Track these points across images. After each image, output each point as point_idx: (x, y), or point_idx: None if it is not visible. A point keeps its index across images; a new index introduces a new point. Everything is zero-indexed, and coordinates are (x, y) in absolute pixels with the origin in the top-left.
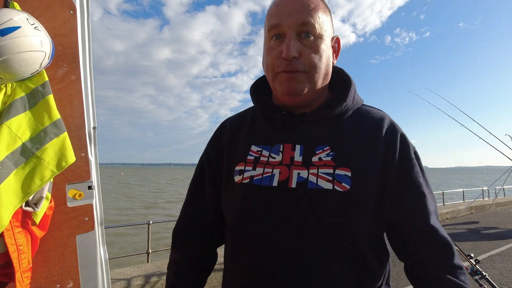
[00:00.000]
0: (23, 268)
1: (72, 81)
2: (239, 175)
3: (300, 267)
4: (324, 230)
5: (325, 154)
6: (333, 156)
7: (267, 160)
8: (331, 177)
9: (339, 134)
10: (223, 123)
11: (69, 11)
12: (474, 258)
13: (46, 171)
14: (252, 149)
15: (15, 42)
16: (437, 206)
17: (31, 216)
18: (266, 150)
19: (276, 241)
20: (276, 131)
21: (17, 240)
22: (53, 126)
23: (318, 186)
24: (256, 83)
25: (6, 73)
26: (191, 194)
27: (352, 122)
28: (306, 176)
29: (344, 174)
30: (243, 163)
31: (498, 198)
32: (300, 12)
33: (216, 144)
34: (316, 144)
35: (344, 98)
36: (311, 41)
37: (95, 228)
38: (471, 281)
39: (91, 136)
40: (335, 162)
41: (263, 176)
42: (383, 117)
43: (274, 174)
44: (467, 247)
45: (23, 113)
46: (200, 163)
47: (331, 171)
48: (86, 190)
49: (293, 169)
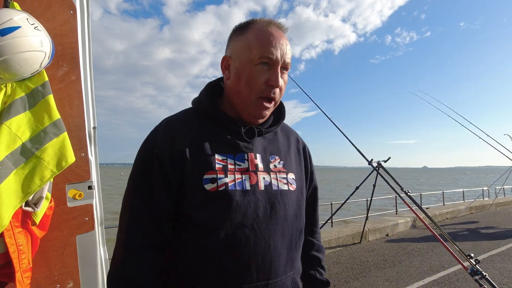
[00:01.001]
0: (23, 268)
1: (72, 81)
2: (212, 183)
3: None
4: (287, 219)
5: (277, 162)
6: (283, 164)
7: (235, 167)
8: (286, 180)
9: (280, 147)
10: (169, 126)
11: (69, 11)
12: (474, 258)
13: (46, 171)
14: (217, 158)
15: (15, 42)
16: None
17: (31, 216)
18: (230, 158)
19: (259, 237)
20: (237, 141)
21: (17, 240)
22: (53, 126)
23: (279, 187)
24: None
25: (6, 73)
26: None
27: (282, 138)
28: (270, 180)
29: (292, 177)
30: (213, 171)
31: (498, 198)
32: (286, 54)
33: (170, 150)
34: (269, 154)
35: (283, 117)
36: (285, 76)
37: (95, 228)
38: (471, 281)
39: (91, 136)
40: (286, 168)
41: (236, 182)
42: (296, 133)
43: (245, 179)
44: (467, 247)
45: (23, 113)
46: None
47: (285, 175)
48: (86, 190)
49: (259, 174)
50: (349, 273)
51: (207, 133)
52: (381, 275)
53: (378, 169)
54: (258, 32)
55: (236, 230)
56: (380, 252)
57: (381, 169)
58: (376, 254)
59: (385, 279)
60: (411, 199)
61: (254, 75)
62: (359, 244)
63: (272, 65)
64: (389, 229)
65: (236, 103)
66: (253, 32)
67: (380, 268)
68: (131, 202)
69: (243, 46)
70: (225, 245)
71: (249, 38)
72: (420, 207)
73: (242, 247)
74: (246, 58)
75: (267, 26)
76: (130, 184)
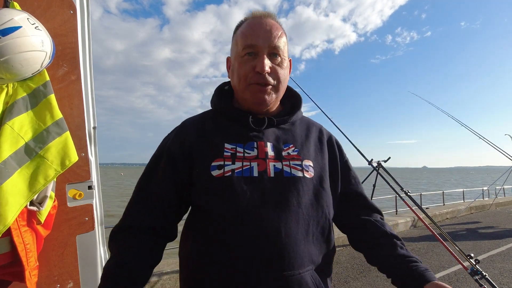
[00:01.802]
0: (31, 266)
1: (72, 81)
2: (218, 170)
3: (277, 234)
4: (301, 206)
5: (291, 150)
6: (298, 151)
7: (243, 155)
8: (300, 167)
9: (296, 136)
10: (184, 124)
11: (69, 11)
12: (474, 258)
13: (50, 170)
14: (226, 147)
15: (16, 42)
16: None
17: (36, 215)
18: (239, 147)
19: (266, 222)
20: (246, 131)
21: (24, 239)
22: (55, 125)
23: (291, 174)
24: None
25: (7, 73)
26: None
27: (300, 128)
28: (281, 167)
29: (309, 164)
30: (220, 159)
31: (498, 198)
32: (271, 38)
33: (181, 144)
34: (282, 143)
35: (298, 110)
36: (278, 60)
37: (95, 228)
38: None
39: (91, 136)
40: (301, 155)
41: (243, 169)
42: (320, 125)
43: (253, 166)
44: (467, 247)
45: (25, 112)
46: (155, 163)
47: (300, 162)
48: (86, 190)
49: (269, 162)
50: (349, 273)
51: (219, 127)
52: (381, 275)
53: (378, 169)
54: (243, 26)
55: (243, 216)
56: None
57: (381, 169)
58: None
59: (385, 279)
60: (411, 199)
61: (242, 65)
62: None
63: (257, 52)
64: None
65: (240, 98)
66: (241, 28)
67: None
68: (136, 187)
69: (233, 43)
70: (233, 232)
71: (237, 35)
72: (420, 207)
73: (250, 234)
74: (235, 53)
75: (252, 19)
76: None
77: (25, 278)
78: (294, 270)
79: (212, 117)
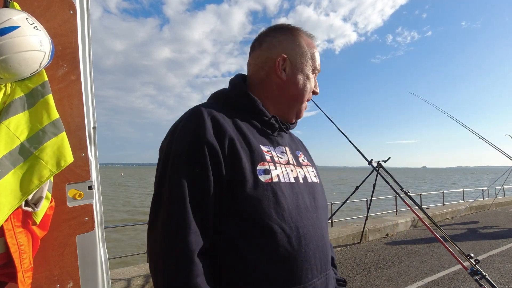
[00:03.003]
0: (24, 268)
1: (72, 81)
2: (266, 175)
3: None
4: (323, 209)
5: (303, 157)
6: (307, 159)
7: (278, 160)
8: (314, 174)
9: (297, 143)
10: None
11: (69, 11)
12: (474, 258)
13: (45, 170)
14: (263, 149)
15: (15, 41)
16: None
17: (32, 216)
18: (272, 151)
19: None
20: (272, 135)
21: (18, 240)
22: (52, 125)
23: (312, 180)
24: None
25: (5, 73)
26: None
27: (294, 136)
28: (304, 173)
29: (316, 171)
30: (265, 163)
31: (498, 198)
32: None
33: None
34: (295, 150)
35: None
36: None
37: (95, 228)
38: (471, 281)
39: (91, 136)
40: (310, 163)
41: (283, 174)
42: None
43: (288, 172)
44: (467, 247)
45: (22, 112)
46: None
47: (313, 169)
48: (86, 190)
49: (297, 168)
50: (349, 273)
51: (247, 125)
52: (381, 275)
53: (378, 169)
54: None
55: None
56: (380, 252)
57: (381, 169)
58: (376, 254)
59: (385, 279)
60: (411, 199)
61: (310, 82)
62: (359, 244)
63: (315, 74)
64: (389, 229)
65: (282, 102)
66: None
67: (380, 268)
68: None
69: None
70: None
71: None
72: (420, 207)
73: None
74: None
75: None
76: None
77: (17, 280)
78: (329, 268)
79: (227, 109)
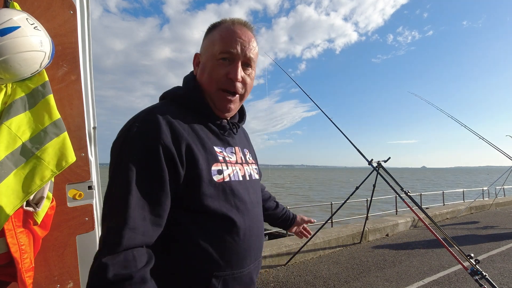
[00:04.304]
0: (25, 267)
1: (72, 81)
2: (219, 175)
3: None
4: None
5: (249, 155)
6: (252, 156)
7: (229, 160)
8: (256, 171)
9: (244, 140)
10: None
11: (69, 11)
12: (474, 258)
13: (46, 171)
14: (216, 150)
15: (15, 42)
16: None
17: (33, 216)
18: (224, 151)
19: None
20: (226, 135)
21: (19, 239)
22: (53, 126)
23: (255, 177)
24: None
25: (6, 73)
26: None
27: (243, 132)
28: (250, 171)
29: (258, 168)
30: (218, 163)
31: (498, 198)
32: (248, 48)
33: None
34: (243, 148)
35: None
36: (249, 71)
37: (95, 228)
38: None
39: (91, 136)
40: (254, 160)
41: (233, 173)
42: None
43: (237, 171)
44: (467, 247)
45: (23, 113)
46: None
47: (256, 166)
48: (86, 190)
49: (244, 166)
50: (349, 273)
51: (201, 126)
52: (381, 275)
53: (378, 169)
54: (222, 29)
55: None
56: (380, 252)
57: (381, 169)
58: (376, 254)
59: (385, 279)
60: (411, 199)
61: (215, 68)
62: (359, 244)
63: (233, 59)
64: (389, 229)
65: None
66: (218, 30)
67: (380, 268)
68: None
69: (208, 43)
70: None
71: (214, 36)
72: (420, 207)
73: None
74: (210, 53)
75: (232, 25)
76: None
77: (18, 279)
78: (261, 255)
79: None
